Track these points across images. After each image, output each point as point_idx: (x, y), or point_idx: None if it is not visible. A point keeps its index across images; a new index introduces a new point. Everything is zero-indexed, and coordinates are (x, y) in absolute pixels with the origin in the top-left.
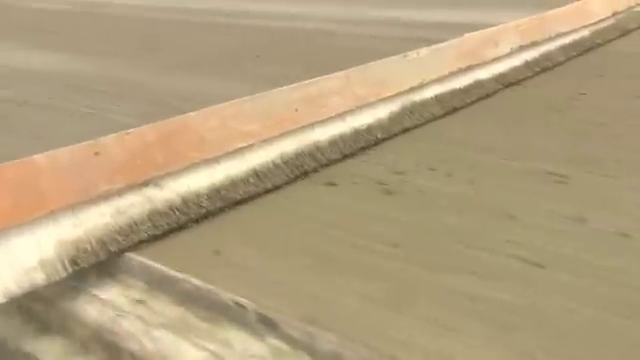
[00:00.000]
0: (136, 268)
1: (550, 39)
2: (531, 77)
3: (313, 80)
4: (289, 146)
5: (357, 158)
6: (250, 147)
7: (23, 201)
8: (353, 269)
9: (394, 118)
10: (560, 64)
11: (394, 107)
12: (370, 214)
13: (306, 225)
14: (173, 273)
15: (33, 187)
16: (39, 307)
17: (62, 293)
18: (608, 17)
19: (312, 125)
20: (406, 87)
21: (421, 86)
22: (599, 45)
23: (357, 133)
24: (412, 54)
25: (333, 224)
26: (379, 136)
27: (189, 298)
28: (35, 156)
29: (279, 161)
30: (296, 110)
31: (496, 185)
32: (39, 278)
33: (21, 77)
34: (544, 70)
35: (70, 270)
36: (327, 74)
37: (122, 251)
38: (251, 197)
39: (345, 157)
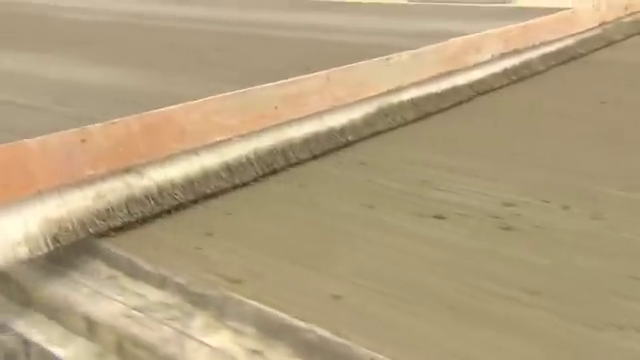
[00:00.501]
0: (248, 313)
1: (533, 47)
2: (507, 85)
3: (294, 79)
4: (264, 142)
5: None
6: (227, 141)
7: (13, 181)
8: (492, 320)
9: (368, 120)
10: (540, 73)
11: (370, 109)
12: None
13: (414, 261)
14: (294, 322)
15: (23, 168)
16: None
17: (167, 339)
18: (595, 27)
19: (289, 122)
20: (384, 90)
21: (399, 89)
22: (582, 55)
23: (330, 134)
24: (394, 57)
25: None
26: (350, 138)
27: (313, 350)
28: (26, 140)
29: (252, 157)
30: (276, 107)
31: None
32: (23, 252)
33: (74, 92)
34: (522, 78)
35: (51, 247)
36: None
37: (100, 234)
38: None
39: (315, 157)
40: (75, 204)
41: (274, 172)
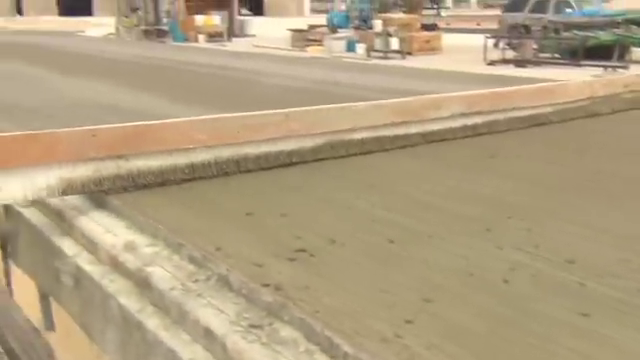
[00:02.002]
0: None
1: (501, 111)
2: (462, 138)
3: (258, 112)
4: (223, 153)
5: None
6: (195, 149)
7: (45, 154)
8: None
9: (315, 149)
10: (501, 132)
11: (320, 141)
12: None
13: None
14: None
15: (52, 147)
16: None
17: None
18: (582, 99)
19: (249, 143)
20: (336, 129)
21: (351, 130)
22: (554, 122)
23: (278, 155)
24: (350, 106)
25: None
26: (293, 160)
27: None
28: (57, 130)
29: (212, 162)
30: (238, 132)
31: None
32: (43, 195)
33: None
34: (480, 134)
35: (61, 195)
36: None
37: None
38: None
39: (263, 169)
40: (80, 173)
41: (227, 174)
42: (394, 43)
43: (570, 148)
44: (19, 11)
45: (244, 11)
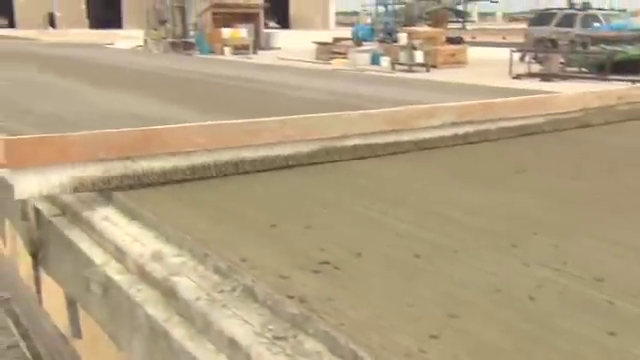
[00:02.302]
0: None
1: (492, 121)
2: (452, 146)
3: (256, 120)
4: (223, 156)
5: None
6: (196, 152)
7: (58, 155)
8: None
9: (311, 154)
10: (491, 141)
11: (314, 147)
12: None
13: None
14: None
15: (65, 149)
16: None
17: None
18: (574, 111)
19: (246, 147)
20: (329, 135)
21: (344, 137)
22: (545, 131)
23: (276, 159)
24: (343, 114)
25: None
26: (290, 163)
27: None
28: (69, 133)
29: (212, 164)
30: (236, 137)
31: None
32: (57, 191)
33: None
34: (471, 143)
35: (72, 192)
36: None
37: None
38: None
39: (258, 171)
40: (90, 172)
41: (226, 175)
42: (419, 56)
43: (595, 163)
44: (52, 24)
45: (272, 24)
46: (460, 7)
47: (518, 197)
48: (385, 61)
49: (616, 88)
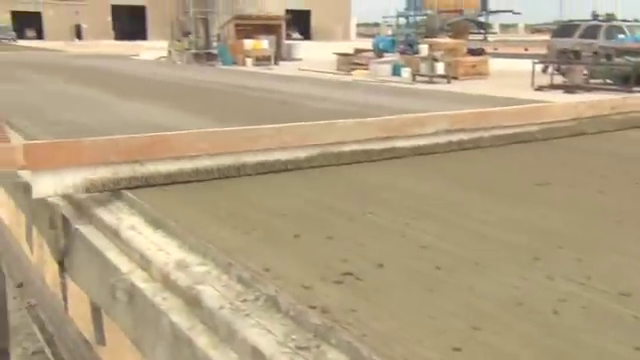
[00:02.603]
0: None
1: (486, 129)
2: (448, 152)
3: (254, 127)
4: (225, 161)
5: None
6: (200, 156)
7: (71, 158)
8: None
9: (309, 159)
10: (484, 147)
11: (313, 152)
12: None
13: None
14: None
15: (78, 153)
16: None
17: None
18: (567, 120)
19: (247, 152)
20: (326, 142)
21: (341, 143)
22: (539, 139)
23: (275, 163)
24: (339, 122)
25: None
26: (289, 167)
27: None
28: (82, 139)
29: (215, 167)
30: (237, 142)
31: None
32: (70, 191)
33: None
34: (465, 149)
35: (85, 192)
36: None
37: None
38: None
39: (258, 174)
40: (101, 174)
41: (228, 177)
42: (440, 68)
43: (619, 175)
44: (78, 35)
45: (296, 35)
46: (482, 19)
47: (539, 209)
48: (406, 72)
49: (610, 98)
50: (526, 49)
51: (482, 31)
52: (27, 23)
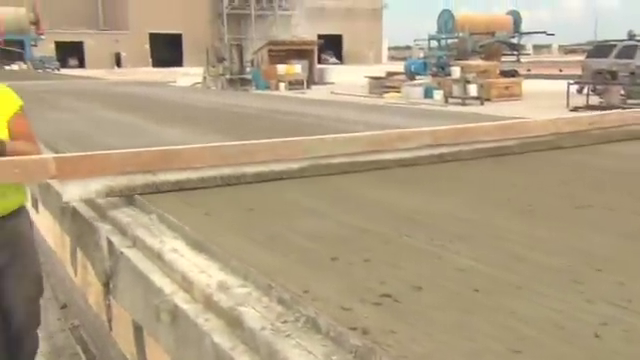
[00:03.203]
0: None
1: (466, 143)
2: (428, 164)
3: (251, 142)
4: (226, 171)
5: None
6: (205, 167)
7: (96, 169)
8: None
9: (302, 170)
10: (464, 160)
11: (304, 164)
12: None
13: None
14: None
15: (102, 164)
16: None
17: None
18: (546, 134)
19: (247, 164)
20: (317, 154)
21: (330, 156)
22: (516, 153)
23: (270, 173)
24: (328, 138)
25: None
26: (284, 177)
27: None
28: (109, 151)
29: (218, 177)
30: (235, 156)
31: None
32: (94, 196)
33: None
34: (446, 161)
35: (106, 198)
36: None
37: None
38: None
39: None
40: (119, 182)
41: (229, 185)
42: (472, 89)
43: None
44: (118, 63)
45: (332, 59)
46: (514, 40)
47: (578, 232)
48: (438, 94)
49: (588, 114)
50: (560, 70)
51: (515, 52)
52: (70, 52)
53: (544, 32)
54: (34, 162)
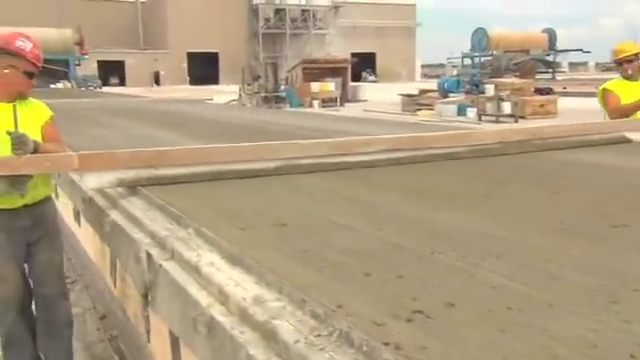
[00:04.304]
0: None
1: (420, 149)
2: (386, 166)
3: (236, 145)
4: (212, 168)
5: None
6: (195, 164)
7: (109, 164)
8: None
9: (277, 169)
10: (419, 162)
11: (279, 164)
12: None
13: None
14: None
15: (114, 160)
16: None
17: None
18: (495, 143)
19: (230, 162)
20: (287, 156)
21: (299, 158)
22: (464, 158)
23: (249, 171)
24: (294, 143)
25: None
26: (262, 174)
27: None
28: (114, 150)
29: (205, 172)
30: (222, 155)
31: None
32: (107, 186)
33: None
34: (402, 163)
35: (117, 187)
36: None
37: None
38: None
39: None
40: (128, 175)
41: (214, 179)
42: (507, 107)
43: None
44: (156, 81)
45: (371, 77)
46: (549, 58)
47: (613, 251)
48: (471, 112)
49: (532, 126)
50: (597, 87)
51: (550, 70)
52: (111, 71)
53: (580, 50)
54: (62, 157)
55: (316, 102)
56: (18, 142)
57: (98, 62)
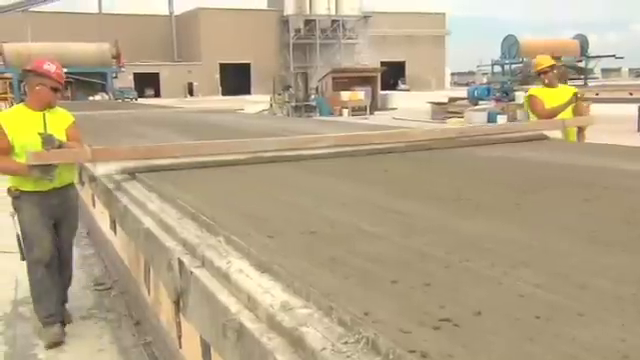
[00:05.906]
0: None
1: (363, 144)
2: (336, 157)
3: (217, 141)
4: (204, 158)
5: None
6: (186, 156)
7: (114, 155)
8: None
9: (246, 159)
10: (361, 155)
11: (248, 155)
12: None
13: None
14: None
15: (117, 153)
16: None
17: None
18: (425, 140)
19: (217, 154)
20: (252, 150)
21: (264, 151)
22: (400, 151)
23: (230, 161)
24: (264, 139)
25: None
26: (235, 163)
27: None
28: (123, 145)
29: (199, 162)
30: (204, 150)
31: None
32: (113, 172)
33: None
34: (349, 156)
35: (121, 175)
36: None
37: (133, 175)
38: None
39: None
40: (130, 164)
41: (195, 167)
42: None
43: None
44: (190, 92)
45: (403, 86)
46: (581, 64)
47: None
48: (502, 119)
49: (459, 127)
50: (631, 93)
51: (582, 76)
52: (146, 83)
53: (613, 55)
54: (79, 151)
55: (346, 111)
56: (46, 140)
57: (134, 74)
